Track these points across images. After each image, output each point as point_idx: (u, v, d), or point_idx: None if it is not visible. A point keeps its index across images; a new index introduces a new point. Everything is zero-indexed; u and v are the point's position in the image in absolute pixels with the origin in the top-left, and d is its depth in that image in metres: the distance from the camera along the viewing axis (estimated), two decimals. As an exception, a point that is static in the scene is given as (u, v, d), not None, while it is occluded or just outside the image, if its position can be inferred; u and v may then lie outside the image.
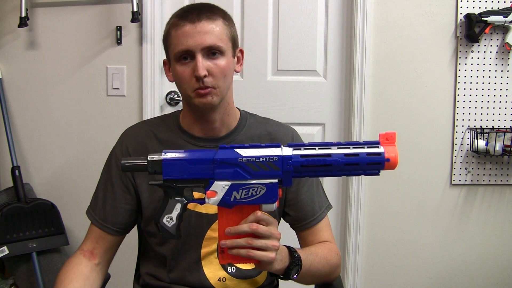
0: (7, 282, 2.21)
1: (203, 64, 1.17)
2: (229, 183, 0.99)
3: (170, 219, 1.03)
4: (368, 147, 0.98)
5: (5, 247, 2.08)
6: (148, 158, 1.01)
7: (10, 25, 2.23)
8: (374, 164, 0.98)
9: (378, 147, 0.99)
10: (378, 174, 0.99)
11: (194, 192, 1.05)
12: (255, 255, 1.01)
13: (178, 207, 1.03)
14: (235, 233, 1.01)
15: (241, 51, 1.31)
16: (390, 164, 0.98)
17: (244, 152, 0.99)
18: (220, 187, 0.99)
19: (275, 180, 0.99)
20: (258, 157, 0.98)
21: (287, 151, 0.99)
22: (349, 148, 0.98)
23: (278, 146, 1.00)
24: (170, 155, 1.01)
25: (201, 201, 1.02)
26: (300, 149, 0.99)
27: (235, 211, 1.01)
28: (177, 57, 1.20)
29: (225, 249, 1.02)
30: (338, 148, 0.98)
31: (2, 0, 2.23)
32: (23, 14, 2.13)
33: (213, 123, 1.27)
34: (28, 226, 2.14)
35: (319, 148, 0.99)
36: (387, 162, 0.97)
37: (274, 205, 1.00)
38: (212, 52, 1.19)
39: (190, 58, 1.19)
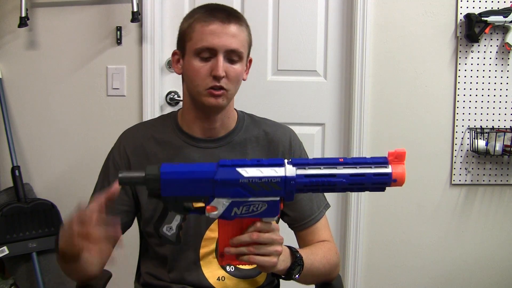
0: (7, 282, 2.21)
1: (223, 65, 1.18)
2: (230, 200, 0.97)
3: (170, 228, 1.02)
4: (375, 167, 0.94)
5: (5, 247, 2.08)
6: (146, 175, 0.97)
7: (10, 25, 2.23)
8: (380, 184, 0.94)
9: (386, 166, 0.94)
10: (383, 191, 0.96)
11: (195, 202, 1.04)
12: (257, 261, 1.00)
13: (178, 218, 1.01)
14: (237, 243, 1.00)
15: (250, 60, 1.32)
16: (397, 183, 0.94)
17: (246, 172, 0.95)
18: (221, 203, 0.97)
19: (277, 198, 0.97)
20: (260, 178, 0.95)
21: (290, 171, 0.95)
22: (355, 167, 0.94)
23: (281, 164, 0.96)
24: (168, 172, 0.97)
25: (201, 213, 1.01)
26: (304, 168, 0.95)
27: (236, 221, 1.00)
28: (197, 52, 1.20)
29: (224, 253, 1.01)
30: (344, 167, 0.94)
31: (2, 0, 2.23)
32: (23, 14, 2.13)
33: (213, 123, 1.28)
34: (28, 226, 2.13)
35: (324, 168, 0.95)
36: (393, 182, 0.94)
37: (276, 218, 1.00)
38: (232, 56, 1.20)
39: (211, 56, 1.19)
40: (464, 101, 2.27)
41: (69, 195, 2.28)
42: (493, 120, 2.28)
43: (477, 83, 2.27)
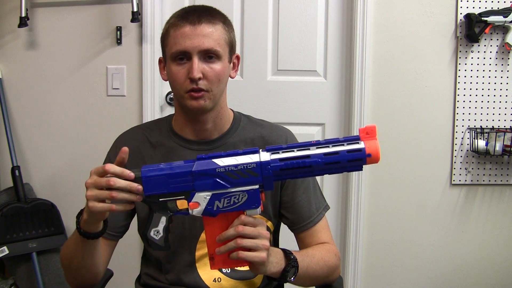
0: (7, 282, 2.22)
1: (198, 66, 1.18)
2: (210, 193, 0.99)
3: (157, 232, 1.04)
4: (348, 144, 0.96)
5: (5, 247, 2.08)
6: None
7: (10, 25, 2.23)
8: (355, 161, 0.95)
9: (358, 142, 0.96)
10: (361, 170, 0.97)
11: (179, 201, 1.05)
12: (246, 256, 1.01)
13: (163, 220, 1.03)
14: (224, 239, 1.01)
15: (238, 57, 1.31)
16: (372, 159, 0.95)
17: (222, 162, 0.98)
18: (202, 198, 0.99)
19: (256, 186, 0.99)
20: (236, 166, 0.98)
21: (265, 156, 0.97)
22: (328, 147, 0.96)
23: (256, 151, 0.99)
24: (149, 171, 1.01)
25: (185, 213, 1.02)
26: (278, 152, 0.97)
27: (220, 218, 1.01)
28: (173, 57, 1.20)
29: (214, 255, 1.03)
30: (317, 148, 0.96)
31: (2, 0, 2.23)
32: (23, 14, 2.13)
33: (205, 125, 1.27)
34: (28, 226, 2.14)
35: (297, 150, 0.97)
36: (368, 157, 0.95)
37: (258, 210, 1.01)
38: (208, 55, 1.19)
39: (186, 59, 1.19)
40: (464, 101, 2.27)
41: (69, 195, 2.28)
42: (493, 120, 2.28)
43: (477, 83, 2.27)
